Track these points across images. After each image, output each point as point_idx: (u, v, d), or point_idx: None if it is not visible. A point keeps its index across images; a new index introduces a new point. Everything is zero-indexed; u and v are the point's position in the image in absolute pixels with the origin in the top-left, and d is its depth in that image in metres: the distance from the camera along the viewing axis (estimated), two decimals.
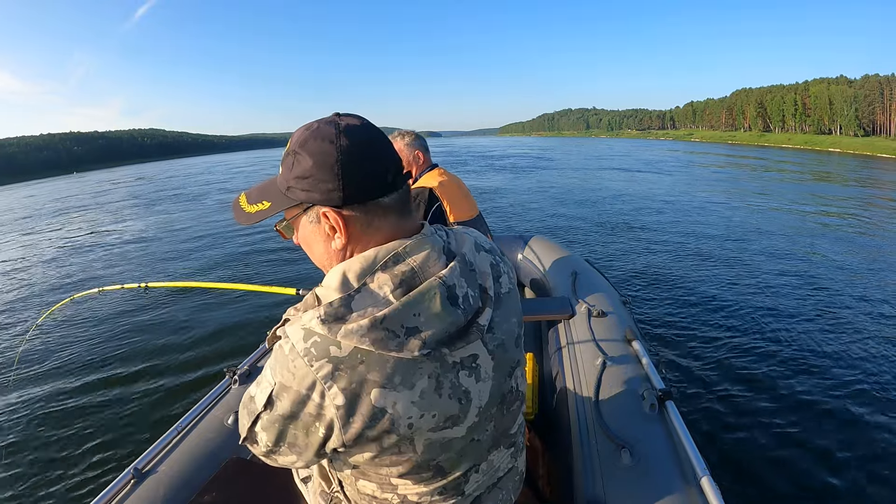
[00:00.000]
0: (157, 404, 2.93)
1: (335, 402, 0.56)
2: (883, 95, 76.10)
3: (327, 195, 0.60)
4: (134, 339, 3.96)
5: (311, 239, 0.66)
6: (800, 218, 8.57)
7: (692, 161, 25.76)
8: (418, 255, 0.60)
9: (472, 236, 0.71)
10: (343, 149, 0.58)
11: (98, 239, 9.23)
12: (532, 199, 10.87)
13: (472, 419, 0.64)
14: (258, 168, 31.29)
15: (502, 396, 0.70)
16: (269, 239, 7.31)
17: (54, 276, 6.57)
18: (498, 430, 0.72)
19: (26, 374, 3.50)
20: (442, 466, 0.66)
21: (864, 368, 3.00)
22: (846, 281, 4.79)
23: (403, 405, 0.57)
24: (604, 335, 1.67)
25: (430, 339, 0.56)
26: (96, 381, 3.31)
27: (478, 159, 26.09)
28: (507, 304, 0.71)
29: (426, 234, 0.63)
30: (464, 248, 0.66)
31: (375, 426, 0.57)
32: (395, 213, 0.63)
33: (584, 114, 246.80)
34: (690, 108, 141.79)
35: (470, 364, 0.63)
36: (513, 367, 0.71)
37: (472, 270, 0.64)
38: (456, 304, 0.59)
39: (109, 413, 2.90)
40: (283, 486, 1.11)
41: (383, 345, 0.55)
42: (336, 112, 0.64)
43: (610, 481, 1.10)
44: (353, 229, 0.62)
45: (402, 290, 0.58)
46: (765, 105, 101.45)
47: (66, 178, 59.49)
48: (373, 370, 0.56)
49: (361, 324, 0.54)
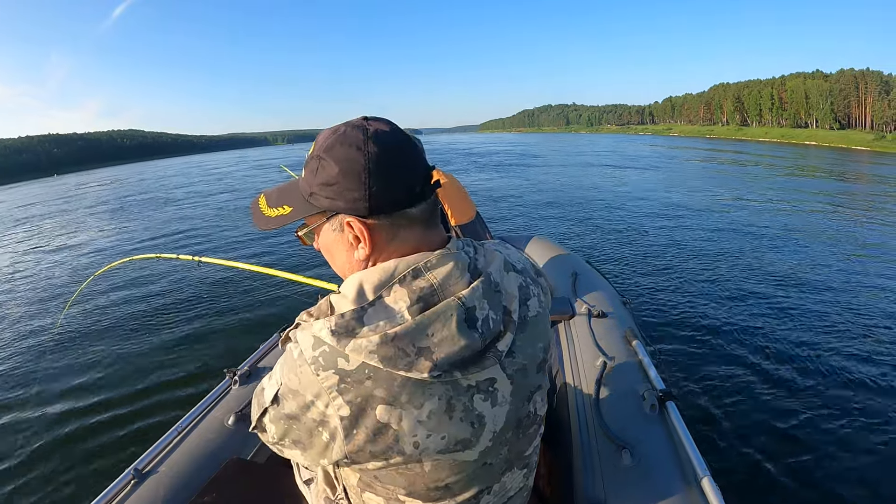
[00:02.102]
0: (160, 405, 2.94)
1: (339, 412, 0.55)
2: (858, 89, 77.91)
3: (353, 204, 0.57)
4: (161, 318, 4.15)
5: (333, 248, 0.64)
6: (792, 214, 8.64)
7: (675, 156, 26.01)
8: (439, 271, 0.57)
9: (503, 254, 0.67)
10: (371, 156, 0.56)
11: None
12: (523, 200, 10.77)
13: (486, 444, 0.62)
14: (235, 169, 30.55)
15: (518, 421, 0.66)
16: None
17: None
18: (512, 454, 0.68)
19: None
20: (451, 488, 0.64)
21: (866, 368, 3.01)
22: (847, 281, 4.79)
23: (409, 424, 0.56)
24: (604, 335, 1.68)
25: (441, 362, 0.54)
26: (95, 379, 3.34)
27: (461, 157, 25.91)
28: (534, 328, 0.67)
29: (451, 248, 0.60)
30: (491, 266, 0.62)
31: (379, 441, 0.56)
32: (421, 225, 0.61)
33: (563, 109, 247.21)
34: (669, 102, 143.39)
35: (486, 388, 0.60)
36: (532, 392, 0.68)
37: (498, 291, 0.61)
38: (474, 327, 0.56)
39: (110, 412, 2.91)
40: (283, 487, 1.10)
41: (392, 363, 0.53)
42: (364, 116, 0.61)
43: (610, 482, 1.10)
44: (377, 240, 0.60)
45: (420, 306, 0.55)
46: (742, 99, 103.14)
47: (46, 181, 58.17)
48: (379, 387, 0.54)
49: (372, 339, 0.52)
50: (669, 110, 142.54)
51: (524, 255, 0.76)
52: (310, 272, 4.05)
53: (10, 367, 3.73)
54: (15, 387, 3.39)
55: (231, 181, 21.48)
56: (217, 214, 11.09)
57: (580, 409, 1.37)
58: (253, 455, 1.40)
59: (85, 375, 3.44)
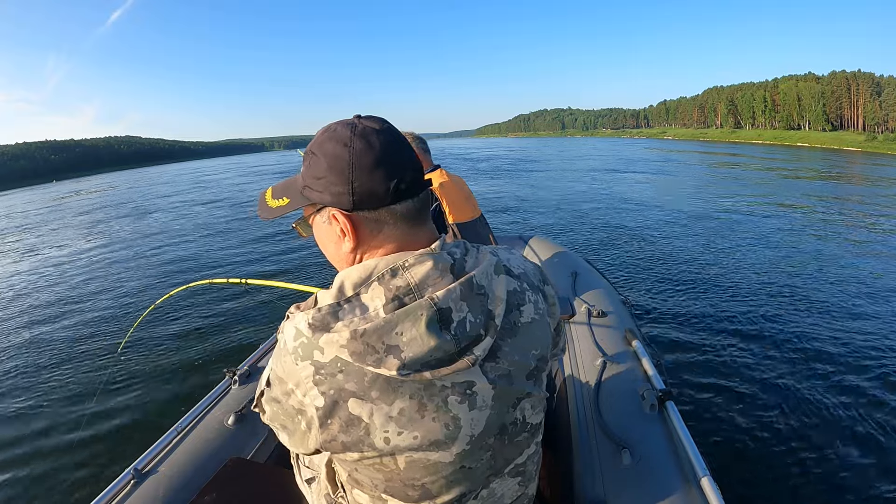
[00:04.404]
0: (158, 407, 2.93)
1: (315, 402, 0.57)
2: (850, 91, 78.75)
3: (338, 198, 0.60)
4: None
5: (324, 238, 0.66)
6: (792, 214, 8.67)
7: (671, 159, 26.15)
8: (417, 271, 0.57)
9: (497, 257, 0.66)
10: (356, 152, 0.58)
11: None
12: (522, 201, 10.78)
13: (463, 447, 0.62)
14: (226, 177, 29.88)
15: (503, 427, 0.65)
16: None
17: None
18: (498, 460, 0.67)
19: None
20: (429, 489, 0.64)
21: (867, 368, 3.00)
22: (848, 280, 4.79)
23: (380, 419, 0.57)
24: (604, 335, 1.68)
25: (410, 361, 0.55)
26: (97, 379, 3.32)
27: (459, 162, 26.01)
28: (527, 335, 0.65)
29: (435, 249, 0.60)
30: (477, 269, 0.60)
31: (351, 432, 0.58)
32: (406, 222, 0.62)
33: (559, 114, 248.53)
34: (664, 106, 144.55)
35: (463, 391, 0.60)
36: (519, 399, 0.66)
37: (482, 294, 0.60)
38: (447, 329, 0.56)
39: (111, 411, 2.91)
40: (283, 487, 1.10)
41: (361, 358, 0.54)
42: (357, 114, 0.64)
43: (610, 481, 1.10)
44: (362, 234, 0.62)
45: (394, 305, 0.56)
46: (736, 102, 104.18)
47: (46, 188, 58.02)
48: (350, 381, 0.56)
49: (342, 334, 0.54)
50: (664, 114, 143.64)
51: (532, 262, 0.75)
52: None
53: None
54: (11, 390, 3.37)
55: (224, 188, 21.39)
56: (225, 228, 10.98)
57: (580, 408, 1.37)
58: (253, 455, 1.40)
59: (78, 375, 3.44)
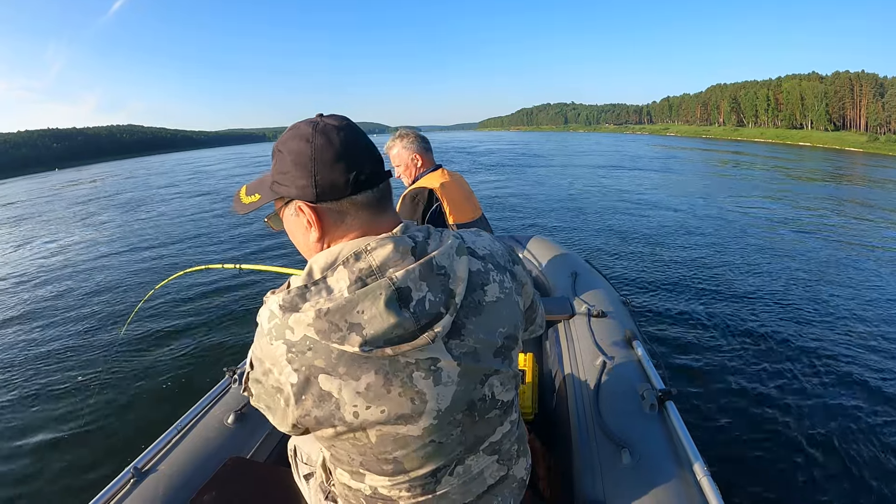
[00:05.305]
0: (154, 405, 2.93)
1: (290, 379, 0.62)
2: (853, 91, 78.30)
3: (302, 191, 0.64)
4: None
5: (293, 229, 0.70)
6: (792, 214, 8.66)
7: (674, 156, 26.04)
8: (378, 254, 0.61)
9: (461, 240, 0.69)
10: (317, 148, 0.62)
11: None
12: (523, 199, 10.69)
13: (430, 420, 0.66)
14: (222, 167, 29.95)
15: (471, 403, 0.69)
16: None
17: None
18: (468, 436, 0.71)
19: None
20: (401, 462, 0.68)
21: (868, 368, 3.01)
22: (849, 279, 4.80)
23: (349, 394, 0.61)
24: (604, 335, 1.67)
25: (371, 338, 0.58)
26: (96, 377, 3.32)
27: (462, 156, 25.84)
28: (493, 313, 0.69)
29: (396, 233, 0.65)
30: (438, 250, 0.64)
31: (323, 407, 0.62)
32: (368, 210, 0.66)
33: (562, 108, 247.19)
34: (667, 102, 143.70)
35: (427, 367, 0.64)
36: (487, 376, 0.70)
37: (442, 274, 0.63)
38: (406, 307, 0.60)
39: (109, 407, 2.92)
40: (283, 485, 1.11)
41: (326, 336, 0.58)
42: (320, 113, 0.68)
43: (610, 481, 1.10)
44: (326, 224, 0.66)
45: (358, 286, 0.59)
46: (739, 100, 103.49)
47: (48, 175, 57.85)
48: (319, 357, 0.60)
49: (308, 314, 0.58)
50: (667, 110, 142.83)
51: (502, 244, 0.78)
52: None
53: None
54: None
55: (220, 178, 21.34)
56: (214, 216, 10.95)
57: (579, 408, 1.37)
58: (252, 454, 1.40)
59: (76, 368, 3.43)
